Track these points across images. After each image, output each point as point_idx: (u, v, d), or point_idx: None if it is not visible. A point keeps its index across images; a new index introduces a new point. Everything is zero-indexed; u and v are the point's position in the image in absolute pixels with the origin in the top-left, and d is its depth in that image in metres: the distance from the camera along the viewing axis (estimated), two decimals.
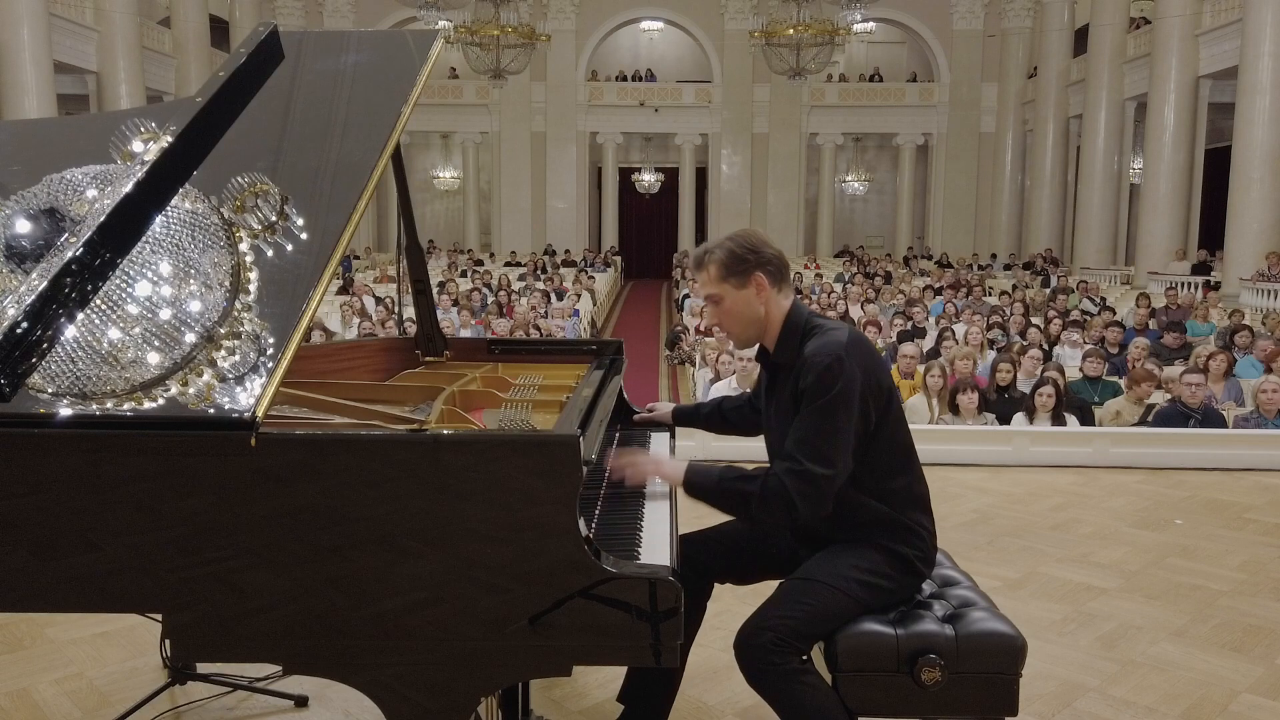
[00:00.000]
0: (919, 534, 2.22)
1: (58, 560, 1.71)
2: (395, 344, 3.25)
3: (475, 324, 10.65)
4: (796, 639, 2.08)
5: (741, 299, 2.21)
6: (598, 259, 23.50)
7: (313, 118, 2.34)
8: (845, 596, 2.13)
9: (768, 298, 2.21)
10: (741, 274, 2.19)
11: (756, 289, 2.20)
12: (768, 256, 2.20)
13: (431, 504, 1.69)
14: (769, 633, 2.06)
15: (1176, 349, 9.09)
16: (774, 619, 2.09)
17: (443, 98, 25.42)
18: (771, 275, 2.21)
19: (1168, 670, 3.17)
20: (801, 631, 2.09)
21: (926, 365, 7.00)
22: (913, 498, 2.24)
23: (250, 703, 2.86)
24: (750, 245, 2.20)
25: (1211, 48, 16.41)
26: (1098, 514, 5.07)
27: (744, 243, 2.21)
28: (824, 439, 2.05)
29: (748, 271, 2.19)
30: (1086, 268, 19.23)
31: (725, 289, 2.21)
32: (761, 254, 2.19)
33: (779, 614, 2.10)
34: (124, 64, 17.20)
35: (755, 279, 2.19)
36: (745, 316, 2.23)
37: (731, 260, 2.19)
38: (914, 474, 2.25)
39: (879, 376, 2.15)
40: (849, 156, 28.92)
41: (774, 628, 2.07)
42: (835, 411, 2.06)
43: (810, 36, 19.96)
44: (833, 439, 2.06)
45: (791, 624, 2.08)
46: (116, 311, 1.75)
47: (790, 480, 2.04)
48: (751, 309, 2.21)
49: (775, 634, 2.06)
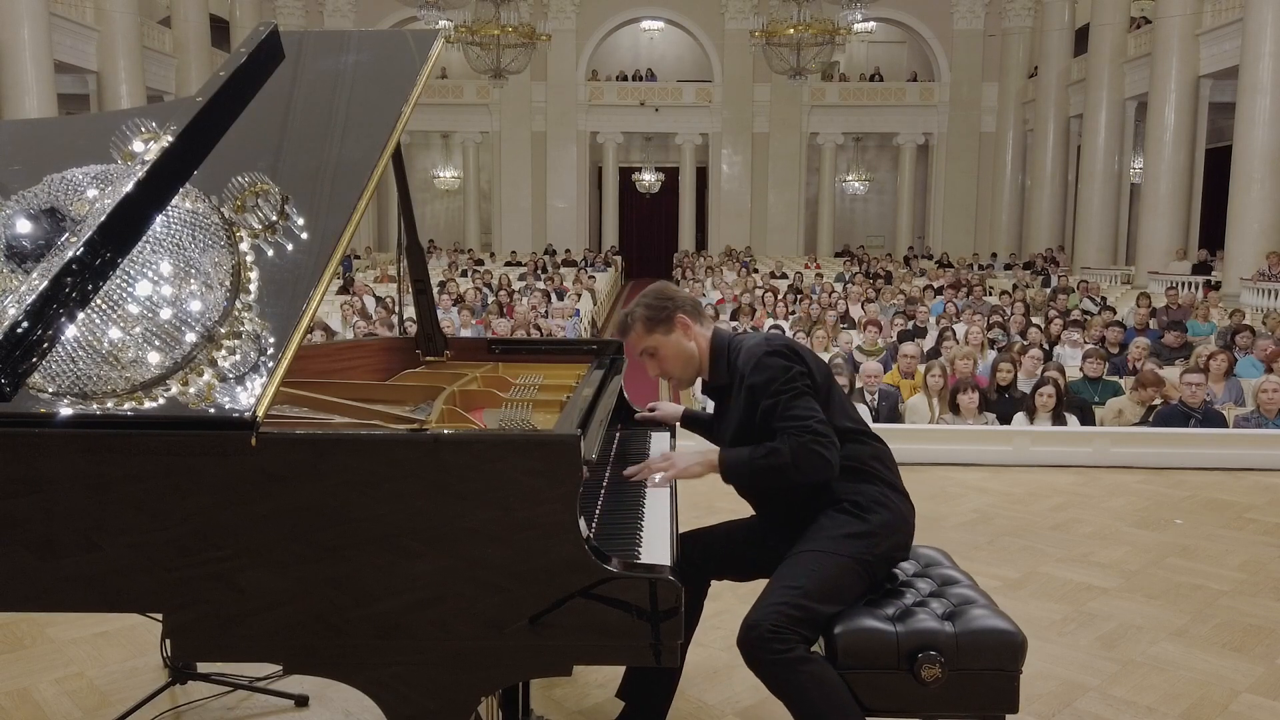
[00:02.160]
0: (877, 472, 2.31)
1: (58, 560, 1.71)
2: (396, 344, 3.26)
3: (475, 324, 10.65)
4: (795, 625, 2.09)
5: (673, 342, 2.40)
6: (598, 259, 23.49)
7: (313, 117, 2.34)
8: (834, 558, 2.18)
9: (695, 333, 2.42)
10: (665, 320, 2.39)
11: (683, 329, 2.40)
12: (681, 300, 2.42)
13: (432, 504, 1.69)
14: (766, 622, 2.09)
15: (1177, 349, 9.09)
16: (769, 607, 2.12)
17: (443, 97, 25.43)
18: (690, 313, 2.42)
19: (1168, 670, 3.17)
20: (799, 615, 2.11)
21: (927, 365, 7.00)
22: (869, 454, 2.33)
23: (250, 702, 2.86)
24: (664, 296, 2.42)
25: (1212, 47, 16.41)
26: (1098, 514, 5.07)
27: (657, 296, 2.42)
28: (795, 401, 2.21)
29: (670, 317, 2.39)
30: (1087, 267, 19.23)
31: (656, 339, 2.40)
32: (675, 299, 2.41)
33: (774, 601, 2.13)
34: (124, 64, 17.19)
35: (679, 321, 2.40)
36: (682, 356, 2.41)
37: (651, 313, 2.39)
38: (868, 438, 2.36)
39: (800, 348, 2.34)
40: (849, 156, 28.92)
41: (770, 616, 2.09)
42: (793, 382, 2.23)
43: (810, 36, 19.96)
44: (802, 399, 2.22)
45: (787, 609, 2.10)
46: (117, 311, 1.75)
47: (808, 439, 2.18)
48: (685, 348, 2.41)
49: (772, 622, 2.08)
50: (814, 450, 2.17)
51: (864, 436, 2.35)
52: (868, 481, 2.29)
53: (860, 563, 2.21)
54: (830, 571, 2.17)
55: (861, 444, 2.33)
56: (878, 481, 2.30)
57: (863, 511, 2.24)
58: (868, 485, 2.29)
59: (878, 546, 2.23)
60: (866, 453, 2.33)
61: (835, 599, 2.17)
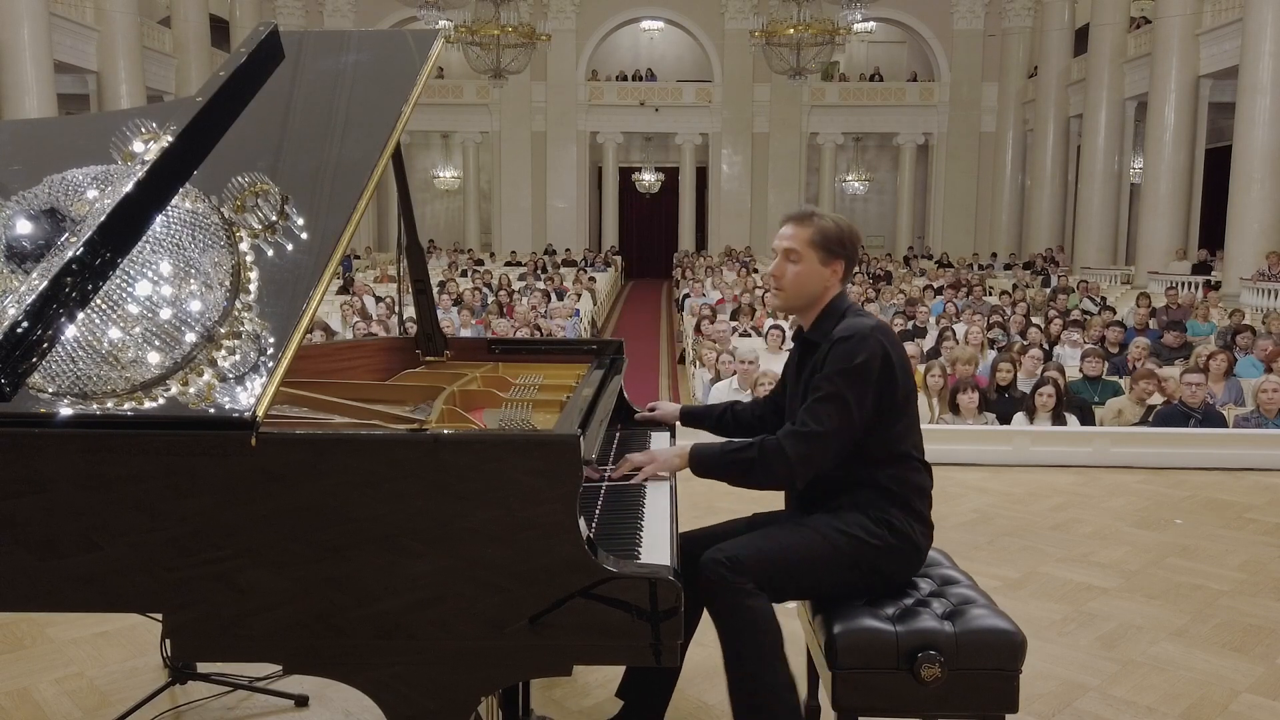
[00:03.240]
0: (918, 510, 2.26)
1: (58, 560, 1.71)
2: (395, 344, 3.25)
3: (476, 324, 10.65)
4: (757, 565, 2.10)
5: (816, 272, 2.29)
6: (598, 259, 23.50)
7: (313, 117, 2.33)
8: (824, 541, 2.17)
9: (834, 281, 2.32)
10: (831, 252, 2.28)
11: (832, 271, 2.30)
12: (853, 253, 2.33)
13: (432, 504, 1.69)
14: (726, 551, 2.12)
15: (1177, 349, 9.09)
16: (740, 544, 2.14)
17: (443, 97, 25.43)
18: (847, 266, 2.32)
19: (1168, 670, 3.17)
20: (765, 560, 2.12)
21: (927, 365, 7.00)
22: (918, 484, 2.27)
23: (250, 702, 2.86)
24: (849, 236, 2.31)
25: (1212, 47, 16.41)
26: (1098, 514, 5.07)
27: (847, 231, 2.31)
28: (827, 401, 2.14)
29: (836, 254, 2.29)
30: (1087, 267, 19.23)
31: (809, 253, 2.28)
32: (851, 245, 2.31)
33: (746, 540, 2.16)
34: (124, 64, 17.19)
35: (836, 264, 2.30)
36: (808, 287, 2.30)
37: (830, 236, 2.28)
38: (923, 468, 2.29)
39: (900, 362, 2.23)
40: (849, 156, 28.91)
41: (735, 549, 2.12)
42: (850, 381, 2.14)
43: (810, 36, 19.96)
44: (835, 403, 2.13)
45: (754, 552, 2.12)
46: (117, 311, 1.75)
47: (787, 441, 2.13)
48: (817, 283, 2.30)
49: (731, 553, 2.11)
50: (786, 458, 2.12)
51: (922, 468, 2.29)
52: (908, 512, 2.24)
53: (851, 559, 2.18)
54: (817, 549, 2.17)
55: (919, 474, 2.28)
56: (916, 518, 2.25)
57: (885, 532, 2.21)
58: (907, 516, 2.23)
59: (879, 559, 2.21)
60: (916, 483, 2.27)
61: (811, 569, 2.17)
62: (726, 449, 2.22)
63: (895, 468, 2.24)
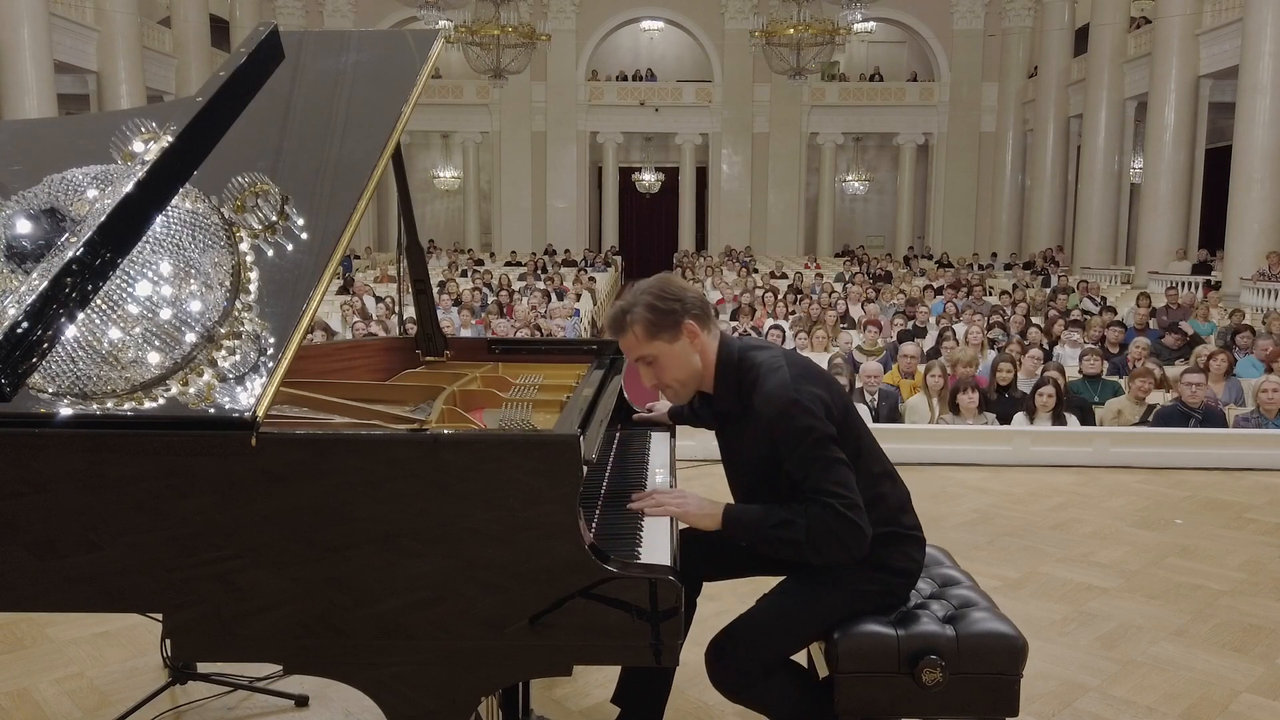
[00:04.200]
0: (911, 538, 2.22)
1: (58, 560, 1.71)
2: (395, 344, 3.25)
3: (475, 324, 10.65)
4: (767, 655, 2.13)
5: (676, 352, 2.08)
6: (598, 259, 23.50)
7: (313, 117, 2.33)
8: (827, 608, 2.15)
9: (701, 343, 2.10)
10: (671, 327, 2.06)
11: (689, 337, 2.08)
12: (691, 301, 2.08)
13: (432, 504, 1.69)
14: (740, 649, 2.12)
15: (1177, 349, 9.09)
16: (746, 638, 2.14)
17: (443, 98, 25.43)
18: (699, 318, 2.09)
19: (1168, 670, 3.17)
20: (770, 656, 2.14)
21: (927, 365, 7.00)
22: (897, 502, 2.22)
23: (250, 702, 2.86)
24: (672, 294, 2.07)
25: (1212, 47, 16.41)
26: (1098, 514, 5.07)
27: (665, 293, 2.07)
28: (829, 471, 1.99)
29: (677, 322, 2.06)
30: (1087, 267, 19.23)
31: (657, 347, 2.07)
32: (684, 300, 2.07)
33: (752, 634, 2.15)
34: (124, 64, 17.19)
35: (686, 328, 2.07)
36: (685, 368, 2.11)
37: (655, 316, 2.05)
38: (891, 474, 2.23)
39: (831, 392, 2.09)
40: (849, 156, 28.92)
41: (744, 646, 2.13)
42: (821, 444, 1.99)
43: (810, 36, 19.96)
44: (837, 469, 2.00)
45: (761, 648, 2.14)
46: (117, 311, 1.75)
47: (832, 519, 1.97)
48: (689, 360, 2.10)
49: (746, 651, 2.12)
50: (836, 535, 1.97)
51: (890, 482, 2.19)
52: (906, 552, 2.17)
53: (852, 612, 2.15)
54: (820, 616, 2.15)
55: (888, 492, 2.17)
56: (913, 551, 2.19)
57: (886, 575, 2.16)
58: (904, 557, 2.17)
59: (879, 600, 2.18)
60: (894, 503, 2.17)
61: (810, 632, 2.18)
62: (768, 523, 2.02)
63: (879, 486, 2.15)
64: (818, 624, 2.15)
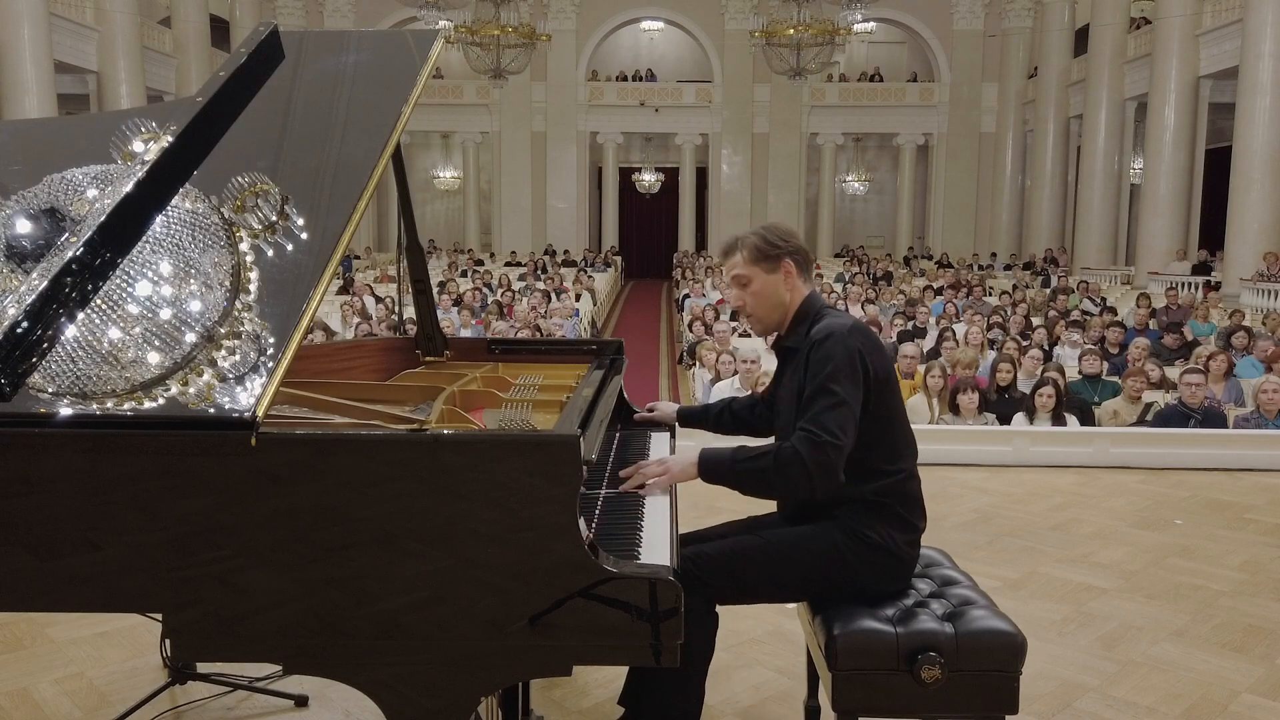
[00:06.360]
0: (903, 521, 2.23)
1: (58, 560, 1.70)
2: (395, 344, 3.25)
3: (475, 324, 10.65)
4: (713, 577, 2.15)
5: (770, 283, 2.31)
6: (598, 259, 23.50)
7: (313, 117, 2.33)
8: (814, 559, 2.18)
9: (794, 284, 2.32)
10: (772, 259, 2.30)
11: (785, 275, 2.31)
12: (795, 246, 2.32)
13: (432, 504, 1.69)
14: (709, 562, 2.15)
15: (1177, 349, 9.09)
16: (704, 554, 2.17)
17: (443, 98, 25.43)
18: (799, 263, 2.32)
19: (1168, 670, 3.17)
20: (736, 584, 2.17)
21: (927, 365, 7.00)
22: (906, 492, 2.25)
23: (250, 702, 2.86)
24: (781, 234, 2.33)
25: (1212, 48, 16.41)
26: (1098, 514, 5.07)
27: (775, 231, 2.33)
28: (829, 410, 2.10)
29: (778, 257, 2.30)
30: (1087, 268, 19.23)
31: (755, 272, 2.31)
32: (790, 243, 2.32)
33: (730, 556, 2.19)
34: (124, 64, 17.20)
35: (784, 265, 2.30)
36: (772, 300, 2.32)
37: (764, 245, 2.30)
38: (910, 469, 2.26)
39: (878, 359, 2.21)
40: (849, 156, 28.92)
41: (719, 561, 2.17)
42: (838, 381, 2.11)
43: (810, 36, 19.95)
44: (838, 410, 2.10)
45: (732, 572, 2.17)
46: (117, 311, 1.75)
47: (805, 449, 2.07)
48: (778, 294, 2.32)
49: (712, 565, 2.15)
50: (804, 462, 2.05)
51: (911, 476, 2.26)
52: (892, 524, 2.20)
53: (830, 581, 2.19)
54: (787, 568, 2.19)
55: (910, 482, 2.25)
56: (899, 528, 2.22)
57: (862, 544, 2.19)
58: (889, 528, 2.20)
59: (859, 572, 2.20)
60: (906, 492, 2.23)
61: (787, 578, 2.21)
62: (738, 456, 2.15)
63: (891, 464, 2.22)
64: (796, 573, 2.19)
